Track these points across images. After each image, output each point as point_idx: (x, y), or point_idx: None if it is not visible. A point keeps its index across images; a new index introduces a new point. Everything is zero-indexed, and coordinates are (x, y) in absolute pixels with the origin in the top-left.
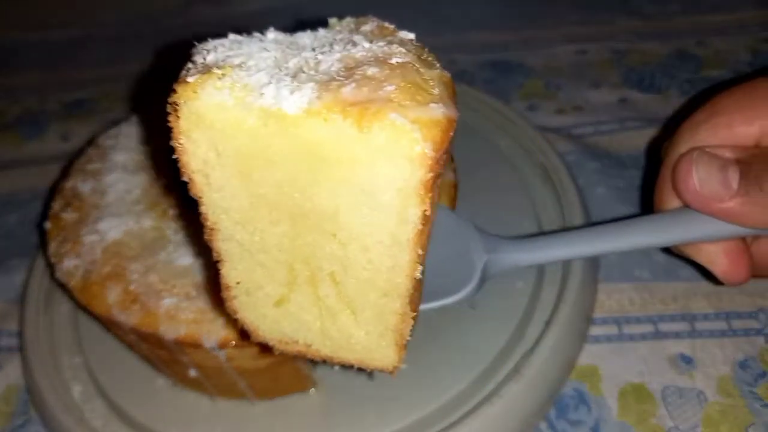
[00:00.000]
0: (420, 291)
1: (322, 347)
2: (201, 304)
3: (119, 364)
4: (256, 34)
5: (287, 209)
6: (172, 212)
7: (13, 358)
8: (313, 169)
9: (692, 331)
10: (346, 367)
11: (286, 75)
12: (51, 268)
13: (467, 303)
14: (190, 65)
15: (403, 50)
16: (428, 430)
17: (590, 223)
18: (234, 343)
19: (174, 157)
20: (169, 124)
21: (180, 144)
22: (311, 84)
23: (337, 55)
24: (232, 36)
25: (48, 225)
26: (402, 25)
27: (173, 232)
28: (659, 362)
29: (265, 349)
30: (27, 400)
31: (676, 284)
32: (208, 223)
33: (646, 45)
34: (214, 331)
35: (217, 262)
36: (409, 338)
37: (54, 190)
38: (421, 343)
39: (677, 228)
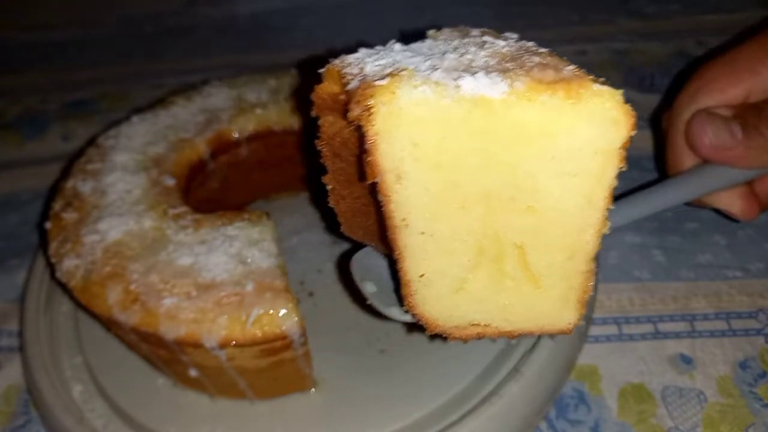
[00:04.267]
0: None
1: (501, 323)
2: (201, 303)
3: (120, 363)
4: (379, 47)
5: (481, 193)
6: (172, 212)
7: (13, 358)
8: (515, 147)
9: (692, 331)
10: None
11: (456, 71)
12: (51, 268)
13: None
14: (348, 76)
15: (532, 44)
16: (429, 429)
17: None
18: (234, 342)
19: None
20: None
21: (373, 146)
22: (494, 74)
23: (482, 53)
24: (363, 50)
25: (48, 225)
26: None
27: (174, 232)
28: (659, 362)
29: (268, 350)
30: (27, 400)
31: (676, 284)
32: (395, 222)
33: (646, 45)
34: (214, 331)
35: (398, 260)
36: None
37: (54, 190)
38: (421, 344)
39: (699, 182)
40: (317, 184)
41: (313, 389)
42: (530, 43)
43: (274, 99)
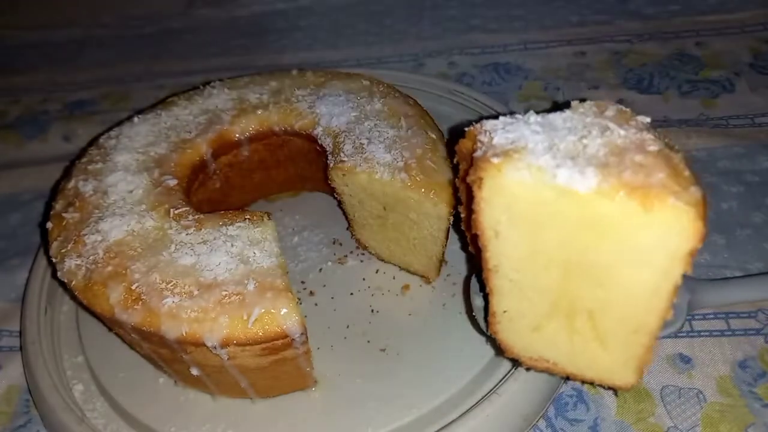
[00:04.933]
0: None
1: (568, 366)
2: (203, 303)
3: (121, 363)
4: (519, 116)
5: (561, 260)
6: (174, 212)
7: (14, 358)
8: (594, 233)
9: (691, 330)
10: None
11: (564, 157)
12: (53, 267)
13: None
14: (480, 144)
15: (652, 137)
16: (428, 428)
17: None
18: (235, 341)
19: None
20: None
21: (479, 208)
22: (591, 168)
23: (599, 140)
24: (502, 118)
25: (50, 225)
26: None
27: (175, 231)
28: (658, 362)
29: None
30: (28, 400)
31: None
32: (489, 266)
33: (645, 46)
34: (215, 330)
35: (489, 294)
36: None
37: (56, 191)
38: (421, 342)
39: None
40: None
41: (313, 388)
42: (649, 136)
43: (275, 100)
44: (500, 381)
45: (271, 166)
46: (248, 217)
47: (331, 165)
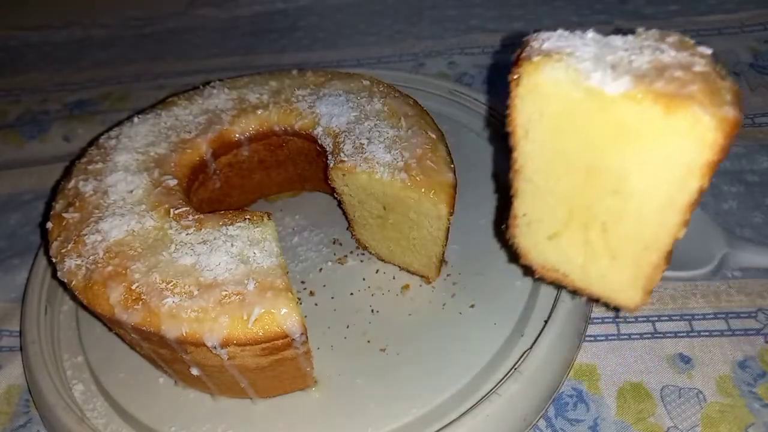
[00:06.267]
0: (671, 251)
1: (577, 279)
2: (203, 303)
3: (120, 363)
4: (578, 32)
5: (582, 165)
6: (174, 212)
7: (14, 358)
8: (616, 137)
9: (691, 330)
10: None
11: (605, 66)
12: (53, 267)
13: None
14: (529, 47)
15: (704, 62)
16: (429, 427)
17: None
18: (235, 341)
19: None
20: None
21: (514, 104)
22: (627, 77)
23: (647, 57)
24: (559, 31)
25: (50, 225)
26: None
27: (175, 232)
28: (658, 362)
29: (267, 350)
30: (28, 400)
31: (674, 284)
32: (516, 166)
33: None
34: (216, 330)
35: (512, 196)
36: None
37: (56, 191)
38: (421, 342)
39: None
40: None
41: (313, 388)
42: (702, 62)
43: (275, 100)
44: (500, 381)
45: (271, 166)
46: (248, 217)
47: (331, 165)
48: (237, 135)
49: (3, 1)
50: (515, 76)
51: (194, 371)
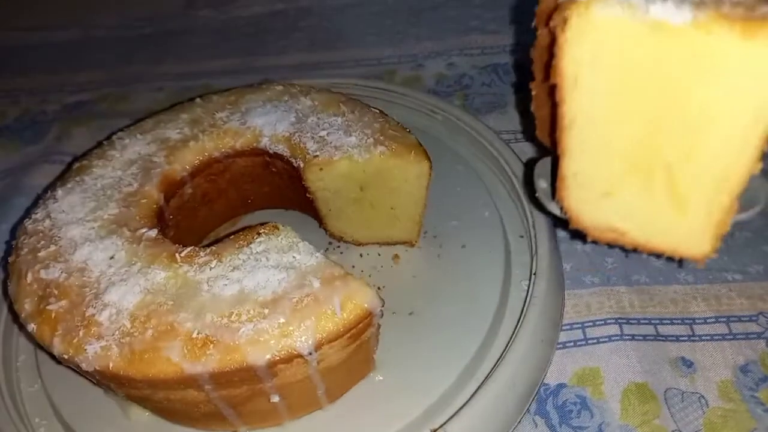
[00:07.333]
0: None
1: (638, 235)
2: (279, 318)
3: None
4: None
5: (645, 108)
6: (179, 256)
7: None
8: (686, 71)
9: (692, 334)
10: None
11: None
12: (73, 366)
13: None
14: None
15: None
16: (470, 382)
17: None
18: (328, 337)
19: None
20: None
21: (561, 51)
22: (687, 5)
23: None
24: None
25: (33, 327)
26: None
27: (195, 272)
28: (661, 364)
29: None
30: None
31: (675, 287)
32: (564, 122)
33: None
34: (306, 334)
35: (560, 156)
36: None
37: (5, 292)
38: (442, 295)
39: None
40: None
41: (372, 372)
42: None
43: (199, 129)
44: (481, 383)
45: (214, 198)
46: (261, 231)
47: (302, 165)
48: (179, 173)
49: (2, 2)
50: (561, 20)
51: (274, 399)
